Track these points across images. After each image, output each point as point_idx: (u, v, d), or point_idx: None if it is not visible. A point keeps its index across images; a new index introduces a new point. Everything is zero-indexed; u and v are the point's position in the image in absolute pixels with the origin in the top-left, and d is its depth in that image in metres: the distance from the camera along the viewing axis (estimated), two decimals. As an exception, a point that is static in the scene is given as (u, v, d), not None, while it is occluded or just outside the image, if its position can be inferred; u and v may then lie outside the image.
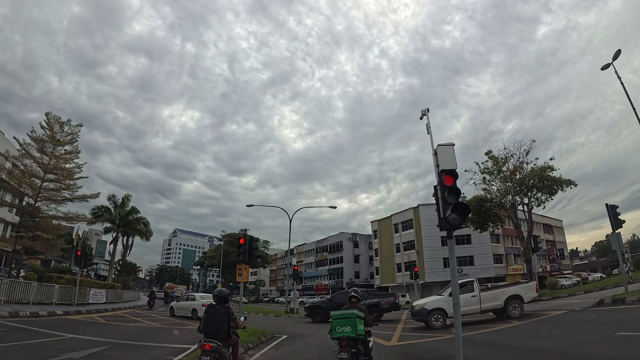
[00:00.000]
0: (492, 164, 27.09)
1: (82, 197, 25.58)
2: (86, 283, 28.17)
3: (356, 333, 5.36)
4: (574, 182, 25.21)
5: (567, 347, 7.68)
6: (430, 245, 49.79)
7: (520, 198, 26.71)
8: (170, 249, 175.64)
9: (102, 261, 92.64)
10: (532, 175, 25.20)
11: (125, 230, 41.13)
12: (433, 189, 6.79)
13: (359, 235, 72.72)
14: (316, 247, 78.53)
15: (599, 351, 6.86)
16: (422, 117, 8.11)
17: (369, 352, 5.85)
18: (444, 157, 6.56)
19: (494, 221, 28.15)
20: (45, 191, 23.69)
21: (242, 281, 13.90)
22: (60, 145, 23.78)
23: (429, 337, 11.40)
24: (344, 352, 5.25)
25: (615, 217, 16.77)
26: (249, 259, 13.33)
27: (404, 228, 56.36)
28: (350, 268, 68.18)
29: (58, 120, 23.74)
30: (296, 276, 32.53)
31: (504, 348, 8.51)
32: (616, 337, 7.90)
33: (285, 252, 77.72)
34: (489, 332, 11.37)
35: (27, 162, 23.17)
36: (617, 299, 13.90)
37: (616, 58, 16.26)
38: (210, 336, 5.17)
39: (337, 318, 5.55)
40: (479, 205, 26.81)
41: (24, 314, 14.26)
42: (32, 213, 24.05)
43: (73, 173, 24.76)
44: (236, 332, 5.82)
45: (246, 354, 9.08)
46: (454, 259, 6.60)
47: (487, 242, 49.33)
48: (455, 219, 6.23)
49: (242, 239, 13.68)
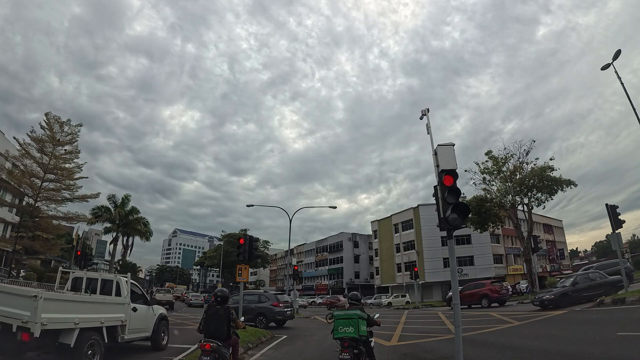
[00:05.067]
0: (492, 164, 27.10)
1: (82, 197, 25.54)
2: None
3: (358, 334, 5.36)
4: (573, 182, 25.23)
5: (567, 347, 7.68)
6: (430, 245, 49.78)
7: (520, 198, 26.72)
8: (170, 249, 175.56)
9: (102, 261, 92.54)
10: (532, 175, 25.21)
11: (125, 230, 41.11)
12: (433, 189, 6.80)
13: (359, 235, 72.68)
14: (316, 247, 78.52)
15: (599, 351, 6.86)
16: (422, 118, 8.12)
17: (371, 353, 5.85)
18: (444, 157, 6.56)
19: (494, 221, 28.16)
20: (45, 191, 23.66)
21: (242, 281, 13.91)
22: (60, 145, 23.74)
23: (429, 337, 11.40)
24: (346, 352, 5.24)
25: (615, 217, 16.74)
26: (249, 259, 13.33)
27: (404, 228, 56.36)
28: (350, 268, 68.16)
29: (58, 120, 23.71)
30: (296, 276, 32.53)
31: (504, 348, 8.52)
32: (616, 337, 7.90)
33: (285, 252, 77.68)
34: (489, 332, 11.38)
35: (27, 162, 23.14)
36: (617, 299, 13.89)
37: (616, 58, 16.25)
38: (210, 336, 5.18)
39: (340, 318, 5.55)
40: (479, 205, 26.81)
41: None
42: (32, 213, 24.03)
43: (73, 173, 24.73)
44: (236, 332, 5.83)
45: (246, 354, 9.08)
46: (454, 259, 6.60)
47: (487, 242, 49.30)
48: (455, 219, 6.23)
49: (242, 239, 13.68)
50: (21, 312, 5.21)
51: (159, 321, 9.32)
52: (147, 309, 9.05)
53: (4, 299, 5.42)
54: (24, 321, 5.15)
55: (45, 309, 5.34)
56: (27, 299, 5.30)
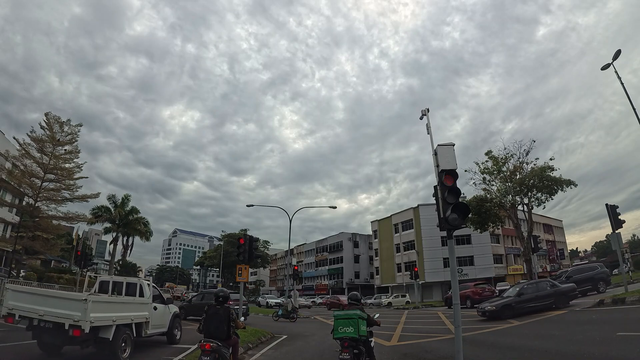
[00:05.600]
0: (492, 164, 27.04)
1: (82, 197, 25.54)
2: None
3: (358, 334, 5.35)
4: (574, 182, 25.17)
5: (567, 347, 7.68)
6: (430, 245, 49.76)
7: (520, 198, 26.66)
8: (170, 249, 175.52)
9: (102, 261, 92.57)
10: (532, 175, 25.16)
11: (125, 230, 41.05)
12: (433, 189, 6.79)
13: (359, 235, 72.64)
14: (316, 247, 78.50)
15: (599, 351, 6.86)
16: (422, 117, 8.12)
17: (371, 353, 5.85)
18: (444, 157, 6.56)
19: (494, 221, 28.10)
20: (45, 191, 23.66)
21: (242, 281, 13.92)
22: (60, 145, 23.74)
23: (429, 337, 11.41)
24: (346, 352, 5.24)
25: (615, 217, 16.74)
26: (249, 259, 13.34)
27: (404, 228, 56.34)
28: (350, 268, 68.14)
29: (58, 120, 23.71)
30: (296, 276, 32.52)
31: (504, 348, 8.52)
32: (616, 337, 7.90)
33: (285, 252, 77.66)
34: (489, 332, 11.38)
35: (27, 162, 23.13)
36: (617, 299, 13.89)
37: (616, 58, 16.23)
38: (210, 336, 5.18)
39: (340, 318, 5.54)
40: (479, 205, 26.76)
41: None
42: (32, 213, 24.02)
43: (73, 173, 24.73)
44: (236, 332, 5.83)
45: (246, 354, 9.08)
46: (454, 259, 6.60)
47: (487, 242, 49.29)
48: (455, 219, 6.23)
49: (242, 239, 13.70)
50: (72, 313, 6.27)
51: (173, 318, 10.36)
52: (164, 308, 10.03)
53: (56, 302, 6.56)
54: (76, 320, 6.20)
55: (93, 309, 6.38)
56: (78, 302, 6.40)
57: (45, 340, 6.96)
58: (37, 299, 6.76)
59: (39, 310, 6.44)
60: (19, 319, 6.61)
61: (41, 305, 6.52)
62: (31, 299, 6.77)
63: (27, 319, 6.59)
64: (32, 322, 6.58)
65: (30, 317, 6.52)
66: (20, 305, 6.65)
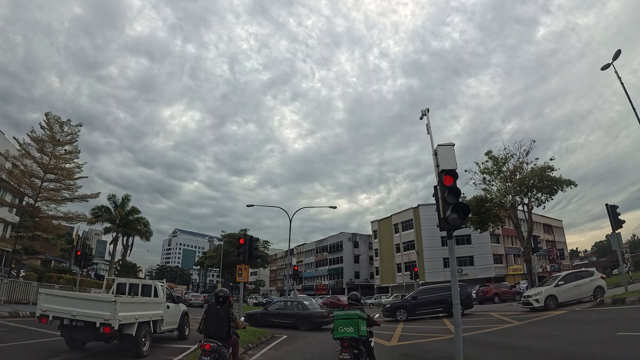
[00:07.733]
0: (492, 164, 27.02)
1: (82, 197, 25.51)
2: (86, 283, 28.20)
3: (358, 334, 5.35)
4: (574, 182, 25.16)
5: (567, 347, 7.68)
6: (430, 245, 49.78)
7: (520, 198, 26.65)
8: (170, 249, 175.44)
9: (102, 261, 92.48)
10: (532, 175, 25.14)
11: (125, 230, 41.08)
12: (433, 189, 6.80)
13: (359, 235, 72.65)
14: (316, 247, 78.50)
15: (599, 351, 6.86)
16: (422, 118, 8.13)
17: (371, 353, 5.85)
18: (444, 157, 6.56)
19: (494, 221, 28.08)
20: (45, 191, 23.65)
21: (242, 281, 13.92)
22: (60, 145, 23.73)
23: (429, 337, 11.40)
24: (346, 352, 5.24)
25: (615, 217, 16.75)
26: (249, 259, 13.35)
27: (404, 228, 56.35)
28: (350, 268, 68.14)
29: (58, 120, 23.70)
30: (296, 276, 32.51)
31: (504, 348, 8.52)
32: (616, 337, 7.90)
33: (285, 252, 77.65)
34: (489, 332, 11.38)
35: (27, 162, 23.12)
36: (617, 299, 13.90)
37: (616, 58, 16.23)
38: (210, 336, 5.18)
39: (340, 318, 5.54)
40: (479, 205, 26.74)
41: (24, 314, 14.24)
42: (32, 213, 24.01)
43: (73, 173, 24.71)
44: (236, 332, 5.83)
45: (246, 354, 9.09)
46: (454, 259, 6.60)
47: (487, 242, 49.31)
48: (455, 219, 6.23)
49: (242, 239, 13.71)
50: (103, 313, 7.10)
51: (183, 316, 11.38)
52: (175, 306, 11.06)
53: (87, 304, 7.46)
54: (106, 319, 7.02)
55: (120, 309, 7.21)
56: (108, 303, 7.23)
57: (76, 337, 7.78)
58: (69, 301, 7.62)
59: (72, 311, 7.24)
60: (52, 319, 7.37)
61: (73, 307, 7.32)
62: (64, 301, 7.61)
63: (58, 319, 7.40)
64: (62, 322, 7.41)
65: (63, 317, 7.31)
66: (53, 307, 7.41)
